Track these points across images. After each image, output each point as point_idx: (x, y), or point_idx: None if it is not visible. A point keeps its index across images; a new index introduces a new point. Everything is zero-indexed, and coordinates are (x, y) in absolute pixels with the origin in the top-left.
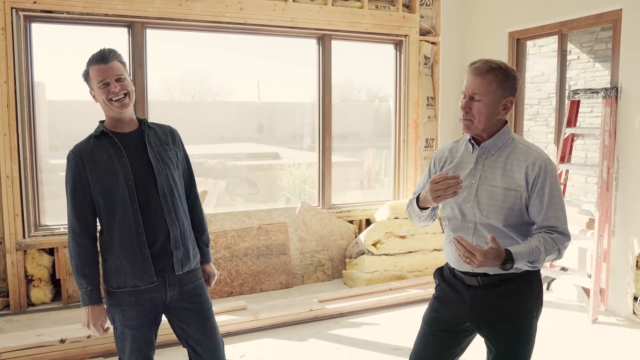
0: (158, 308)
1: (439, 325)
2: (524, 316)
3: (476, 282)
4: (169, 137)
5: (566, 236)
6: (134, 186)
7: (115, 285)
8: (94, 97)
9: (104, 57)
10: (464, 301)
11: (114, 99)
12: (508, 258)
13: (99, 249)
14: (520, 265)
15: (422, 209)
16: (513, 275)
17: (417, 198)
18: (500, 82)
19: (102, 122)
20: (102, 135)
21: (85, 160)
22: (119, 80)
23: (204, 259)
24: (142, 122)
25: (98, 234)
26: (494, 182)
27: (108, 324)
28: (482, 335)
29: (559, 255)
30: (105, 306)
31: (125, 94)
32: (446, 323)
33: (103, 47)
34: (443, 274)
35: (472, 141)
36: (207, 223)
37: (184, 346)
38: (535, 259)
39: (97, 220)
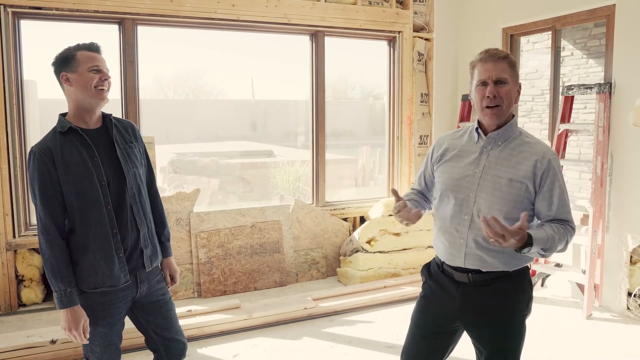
0: (128, 304)
1: (428, 326)
2: (515, 316)
3: (466, 279)
4: (130, 133)
5: (574, 230)
6: (107, 186)
7: (92, 285)
8: (66, 80)
9: (97, 47)
10: (452, 299)
11: (100, 87)
12: (528, 241)
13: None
14: (534, 252)
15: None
16: (504, 274)
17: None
18: (513, 67)
19: (63, 115)
20: (68, 131)
21: (56, 160)
22: (107, 73)
23: (166, 253)
24: (107, 118)
25: (68, 235)
26: (499, 173)
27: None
28: (471, 335)
29: (565, 247)
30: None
31: (108, 88)
32: (436, 324)
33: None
34: (430, 270)
35: (479, 130)
36: (200, 221)
37: (147, 335)
38: (550, 246)
39: (67, 221)
